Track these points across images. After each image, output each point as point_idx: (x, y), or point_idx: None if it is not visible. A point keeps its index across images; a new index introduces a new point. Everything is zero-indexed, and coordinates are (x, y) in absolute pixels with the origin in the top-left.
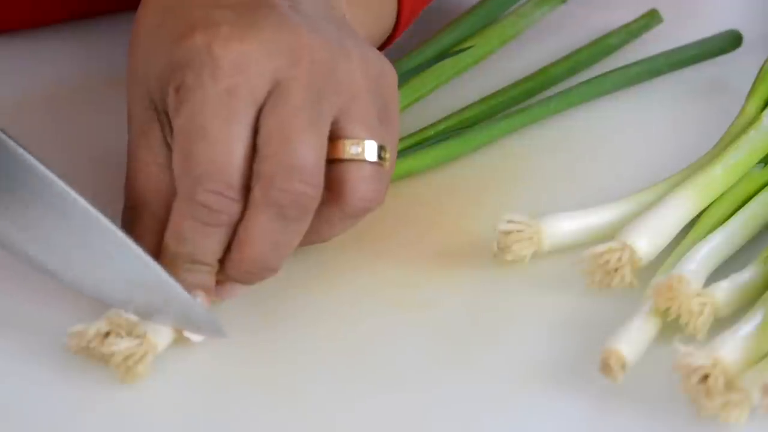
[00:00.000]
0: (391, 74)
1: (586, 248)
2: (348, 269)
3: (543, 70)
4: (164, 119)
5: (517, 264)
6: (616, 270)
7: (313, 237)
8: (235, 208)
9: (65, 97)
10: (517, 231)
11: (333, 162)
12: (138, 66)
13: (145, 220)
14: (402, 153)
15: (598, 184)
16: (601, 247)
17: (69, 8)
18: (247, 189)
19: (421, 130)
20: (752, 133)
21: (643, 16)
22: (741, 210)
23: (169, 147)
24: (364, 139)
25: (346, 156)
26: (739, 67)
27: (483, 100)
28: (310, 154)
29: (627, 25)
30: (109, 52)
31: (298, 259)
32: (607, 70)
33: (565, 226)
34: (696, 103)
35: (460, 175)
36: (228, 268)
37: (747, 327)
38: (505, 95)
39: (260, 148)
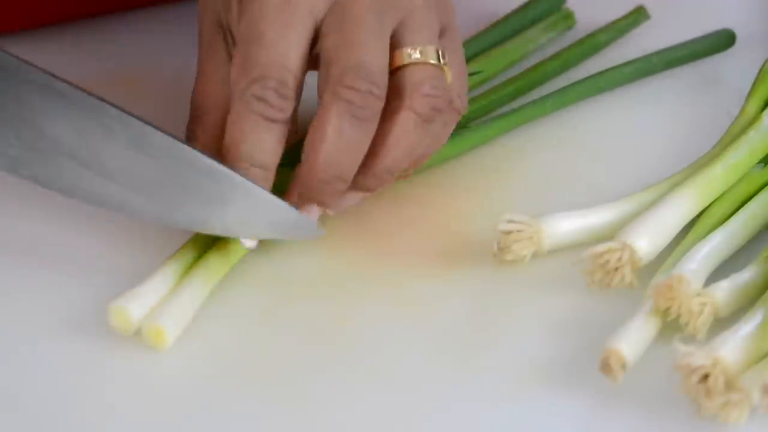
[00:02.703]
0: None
1: (586, 248)
2: (347, 269)
3: (534, 67)
4: (229, 37)
5: (517, 264)
6: (616, 270)
7: (398, 151)
8: (289, 105)
9: None
10: (517, 231)
11: (396, 71)
12: None
13: (205, 126)
14: None
15: (598, 184)
16: (601, 247)
17: (69, 8)
18: (298, 92)
19: None
20: (752, 133)
21: (630, 13)
22: (741, 210)
23: (231, 63)
24: (423, 44)
25: (407, 62)
26: (732, 64)
27: (475, 98)
28: (376, 56)
29: (615, 22)
30: (109, 52)
31: (297, 258)
32: (602, 68)
33: (565, 226)
34: (693, 100)
35: (458, 175)
36: (301, 179)
37: (747, 327)
38: (498, 93)
39: (326, 56)
